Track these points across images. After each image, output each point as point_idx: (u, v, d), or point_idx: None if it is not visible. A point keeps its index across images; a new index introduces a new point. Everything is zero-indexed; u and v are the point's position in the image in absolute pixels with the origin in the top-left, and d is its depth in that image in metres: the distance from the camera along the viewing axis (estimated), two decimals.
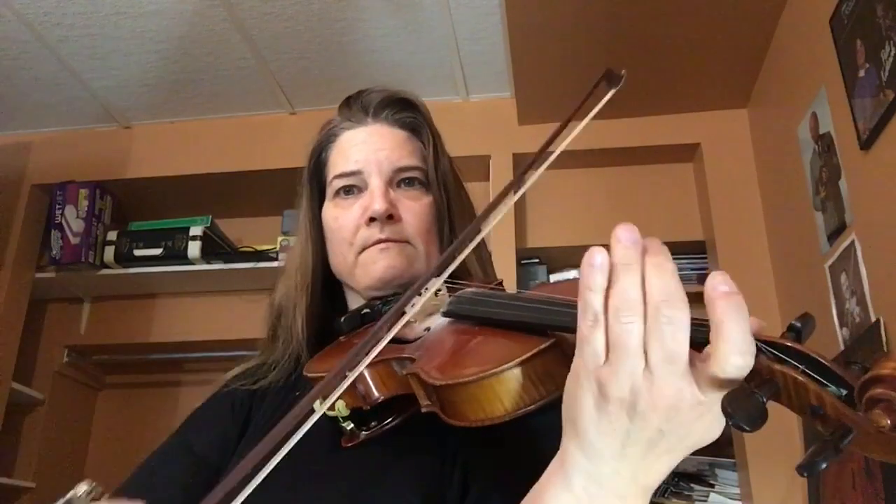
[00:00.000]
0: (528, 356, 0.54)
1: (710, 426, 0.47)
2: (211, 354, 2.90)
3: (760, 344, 0.44)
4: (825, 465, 0.38)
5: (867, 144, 1.73)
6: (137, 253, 2.85)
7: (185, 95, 2.85)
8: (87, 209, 2.86)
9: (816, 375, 0.42)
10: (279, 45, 2.58)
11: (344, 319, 0.84)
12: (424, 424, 0.67)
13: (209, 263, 2.86)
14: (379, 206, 0.84)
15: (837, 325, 1.89)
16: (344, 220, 0.88)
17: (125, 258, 2.86)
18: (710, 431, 0.47)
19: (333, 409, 0.69)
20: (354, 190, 0.89)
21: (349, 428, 0.72)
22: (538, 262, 2.81)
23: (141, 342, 3.03)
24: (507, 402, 0.54)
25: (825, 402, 0.41)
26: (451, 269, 0.60)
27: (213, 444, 0.86)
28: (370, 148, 0.89)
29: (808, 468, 0.38)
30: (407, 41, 2.57)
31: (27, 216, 2.87)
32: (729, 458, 2.40)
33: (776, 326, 0.71)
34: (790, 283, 2.32)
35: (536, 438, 0.56)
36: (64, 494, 0.61)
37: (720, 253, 2.53)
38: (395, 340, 0.60)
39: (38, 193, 2.94)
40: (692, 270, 2.71)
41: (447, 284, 0.72)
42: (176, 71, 2.70)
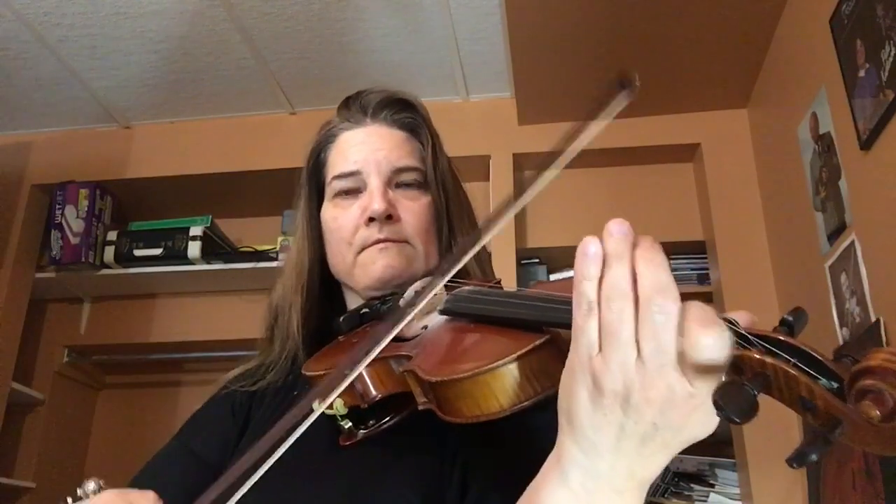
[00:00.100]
0: (522, 352, 0.54)
1: (703, 421, 0.47)
2: (211, 354, 2.90)
3: (752, 337, 0.45)
4: (815, 456, 0.39)
5: (867, 144, 1.73)
6: (137, 253, 2.85)
7: (185, 95, 2.85)
8: (87, 209, 2.86)
9: (808, 368, 0.43)
10: (279, 45, 2.58)
11: (343, 319, 0.84)
12: (424, 424, 0.67)
13: (209, 263, 2.86)
14: (378, 206, 0.84)
15: (837, 324, 1.89)
16: (343, 220, 0.88)
17: (125, 258, 2.86)
18: (704, 426, 0.48)
19: (332, 407, 0.69)
20: (354, 190, 0.89)
21: (347, 427, 0.72)
22: (538, 262, 2.81)
23: (141, 342, 3.03)
24: (502, 398, 0.54)
25: (816, 394, 0.41)
26: (454, 270, 0.60)
27: (213, 445, 0.86)
28: (369, 148, 0.89)
29: (798, 460, 0.39)
30: (407, 41, 2.57)
31: (27, 216, 2.87)
32: (729, 458, 2.40)
33: None
34: (790, 283, 2.32)
35: (536, 437, 0.57)
36: (73, 494, 0.61)
37: (720, 253, 2.53)
38: (392, 338, 0.60)
39: (38, 193, 2.95)
40: (692, 270, 2.71)
41: (445, 283, 0.72)
42: (176, 71, 2.70)
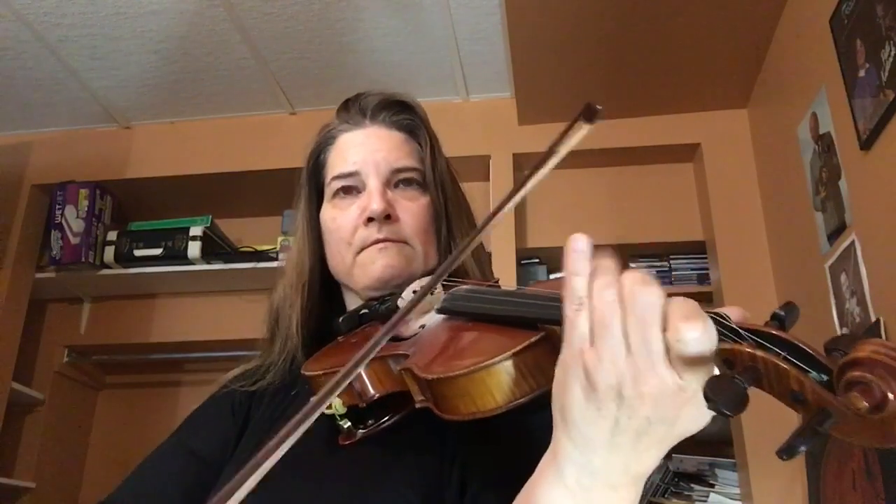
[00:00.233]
0: (518, 349, 0.54)
1: (696, 415, 0.48)
2: (211, 354, 2.89)
3: (743, 331, 0.45)
4: (804, 448, 0.39)
5: (867, 144, 1.73)
6: (137, 253, 2.85)
7: (185, 95, 2.85)
8: (87, 209, 2.86)
9: (798, 362, 0.43)
10: (279, 45, 2.58)
11: (342, 320, 0.85)
12: (423, 423, 0.67)
13: (209, 263, 2.86)
14: (377, 205, 0.85)
15: (837, 325, 1.89)
16: (342, 220, 0.88)
17: (125, 258, 2.86)
18: (696, 420, 0.48)
19: (330, 406, 0.69)
20: (353, 190, 0.89)
21: (346, 426, 0.72)
22: (538, 262, 2.81)
23: (141, 342, 3.03)
24: (498, 395, 0.55)
25: (806, 387, 0.42)
26: (450, 269, 0.61)
27: (212, 444, 0.86)
28: (368, 149, 0.89)
29: (787, 451, 0.39)
30: (407, 41, 2.57)
31: (27, 216, 2.87)
32: (729, 458, 2.40)
33: None
34: (790, 283, 2.32)
35: (534, 437, 0.57)
36: None
37: (720, 253, 2.53)
38: (390, 338, 0.60)
39: (38, 193, 2.95)
40: (692, 270, 2.71)
41: (442, 283, 0.73)
42: (176, 71, 2.70)
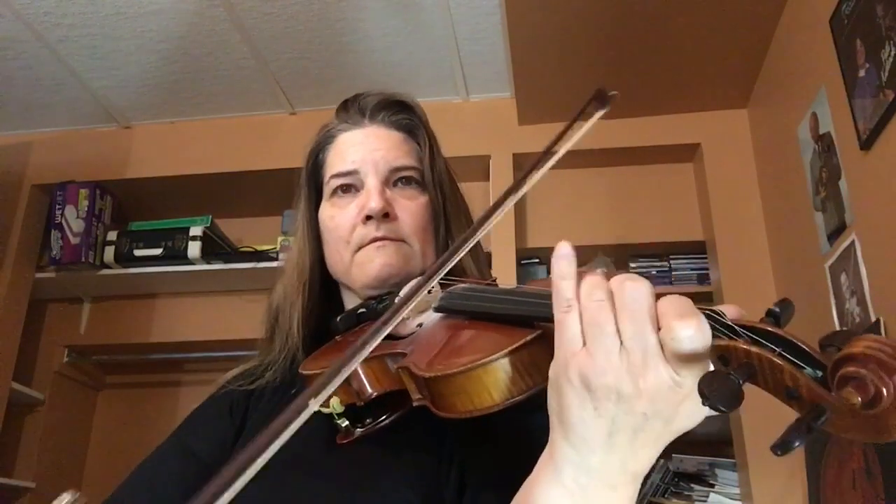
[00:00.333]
0: (514, 347, 0.55)
1: (692, 411, 0.48)
2: (211, 354, 2.89)
3: (738, 328, 0.45)
4: (798, 444, 0.39)
5: (867, 144, 1.73)
6: (137, 253, 2.85)
7: (185, 95, 2.85)
8: (87, 209, 2.86)
9: (792, 358, 0.43)
10: (279, 45, 2.58)
11: (340, 319, 0.85)
12: (421, 422, 0.67)
13: (209, 263, 2.86)
14: (375, 203, 0.85)
15: (837, 325, 1.89)
16: (340, 219, 0.88)
17: (125, 258, 2.86)
18: (692, 416, 0.49)
19: (328, 405, 0.69)
20: (351, 189, 0.90)
21: (344, 425, 0.72)
22: (538, 262, 2.81)
23: (141, 342, 3.03)
24: (495, 393, 0.55)
25: (800, 383, 0.42)
26: (448, 267, 0.61)
27: (210, 444, 0.86)
28: (367, 148, 0.89)
29: (781, 446, 0.39)
30: (407, 41, 2.57)
31: (27, 216, 2.88)
32: (729, 458, 2.40)
33: None
34: (790, 283, 2.32)
35: (533, 437, 0.57)
36: None
37: (720, 253, 2.52)
38: (388, 337, 0.60)
39: (38, 193, 2.95)
40: (692, 270, 2.71)
41: (440, 281, 0.73)
42: (176, 71, 2.70)
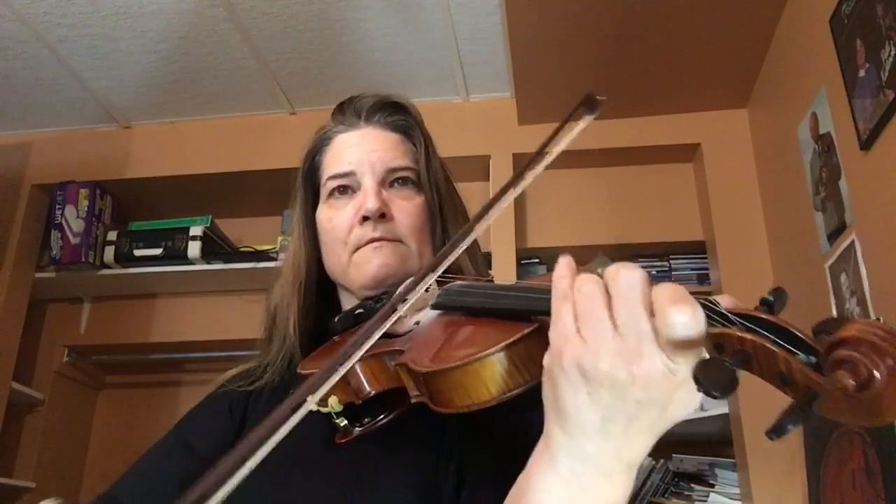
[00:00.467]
0: (510, 341, 0.55)
1: (686, 399, 0.49)
2: (211, 354, 2.89)
3: (732, 316, 0.45)
4: (792, 428, 0.40)
5: (867, 144, 1.73)
6: (137, 253, 2.85)
7: (185, 95, 2.85)
8: (87, 209, 2.86)
9: (786, 344, 0.43)
10: (279, 45, 2.58)
11: (338, 319, 0.85)
12: (420, 421, 0.68)
13: (209, 263, 2.86)
14: (371, 204, 0.85)
15: None
16: (337, 220, 0.89)
17: (125, 258, 2.86)
18: (687, 404, 0.49)
19: (326, 404, 0.69)
20: (348, 190, 0.90)
21: (342, 424, 0.72)
22: (538, 262, 2.81)
23: (141, 342, 3.03)
24: (492, 386, 0.55)
25: (794, 368, 0.42)
26: (444, 266, 0.61)
27: (209, 442, 0.87)
28: (363, 150, 0.90)
29: (776, 431, 0.40)
30: (407, 41, 2.57)
31: (27, 216, 2.87)
32: (729, 458, 2.40)
33: None
34: (790, 283, 2.31)
35: (531, 434, 0.57)
36: None
37: (720, 253, 2.52)
38: (385, 335, 0.60)
39: (38, 193, 2.95)
40: (692, 270, 2.71)
41: (437, 279, 0.73)
42: (176, 71, 2.70)
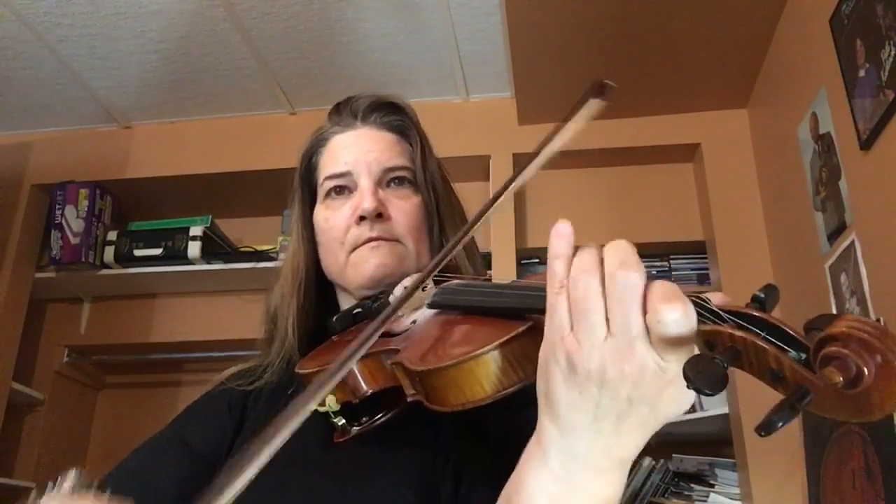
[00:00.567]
0: (504, 339, 0.55)
1: (677, 397, 0.48)
2: (211, 354, 2.89)
3: (724, 313, 0.46)
4: (782, 424, 0.39)
5: (867, 144, 1.73)
6: (137, 253, 2.85)
7: (185, 95, 2.85)
8: (87, 209, 2.86)
9: (777, 341, 0.43)
10: (279, 45, 2.58)
11: (336, 319, 0.85)
12: (417, 420, 0.68)
13: (209, 263, 2.86)
14: (368, 204, 0.85)
15: None
16: (335, 220, 0.89)
17: (125, 258, 2.86)
18: (678, 402, 0.49)
19: (324, 404, 0.69)
20: (345, 191, 0.90)
21: (340, 423, 0.72)
22: (538, 262, 2.81)
23: (141, 342, 3.03)
24: (486, 384, 0.55)
25: (784, 365, 0.42)
26: (441, 265, 0.61)
27: (207, 439, 0.87)
28: (360, 150, 0.90)
29: (765, 427, 0.39)
30: (407, 41, 2.57)
31: (27, 216, 2.88)
32: (729, 458, 2.40)
33: None
34: (790, 283, 2.32)
35: (527, 433, 0.57)
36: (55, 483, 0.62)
37: (720, 253, 2.52)
38: (382, 334, 0.60)
39: (38, 193, 2.95)
40: (692, 270, 2.71)
41: (434, 278, 0.73)
42: (176, 71, 2.71)
